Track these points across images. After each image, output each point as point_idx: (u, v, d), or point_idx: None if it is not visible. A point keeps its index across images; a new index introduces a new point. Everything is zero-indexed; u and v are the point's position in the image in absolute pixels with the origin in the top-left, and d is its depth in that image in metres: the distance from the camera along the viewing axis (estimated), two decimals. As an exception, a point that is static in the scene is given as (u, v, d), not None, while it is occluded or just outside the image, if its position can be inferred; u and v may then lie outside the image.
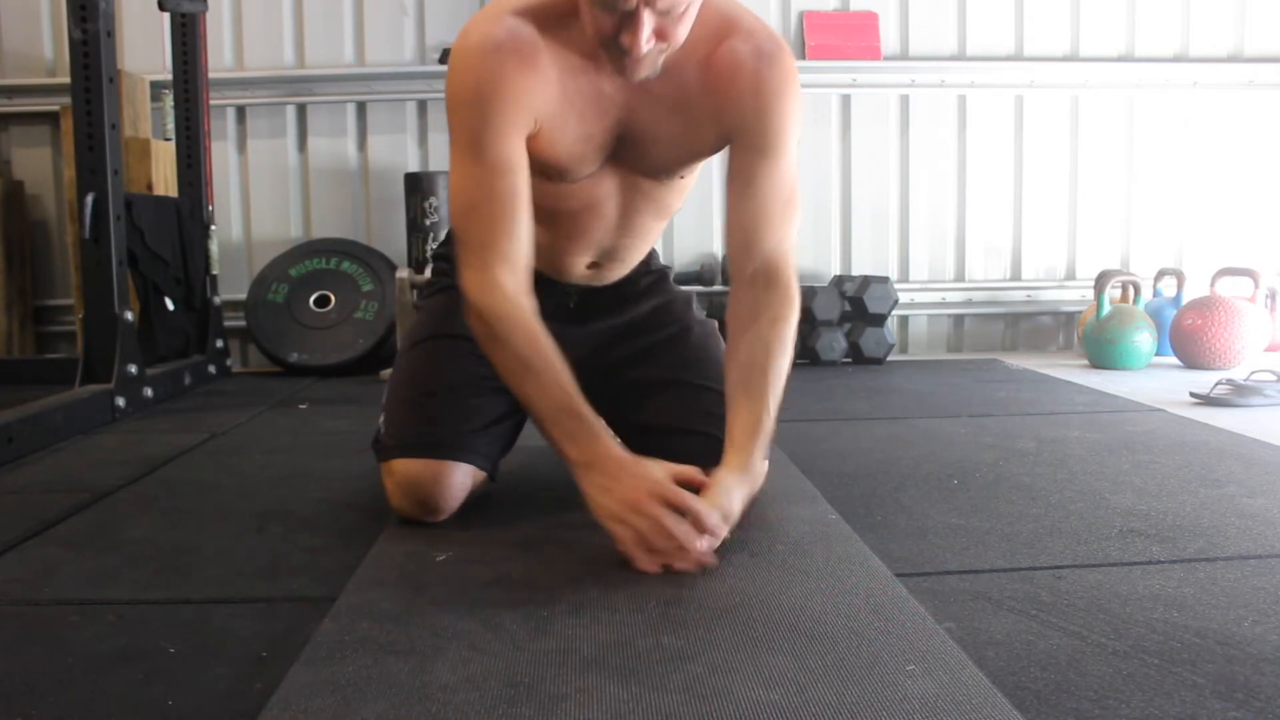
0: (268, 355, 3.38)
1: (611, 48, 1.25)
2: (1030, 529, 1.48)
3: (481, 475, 1.54)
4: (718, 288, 3.53)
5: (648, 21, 1.20)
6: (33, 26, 3.53)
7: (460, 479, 1.50)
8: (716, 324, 1.69)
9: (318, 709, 0.92)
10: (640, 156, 1.44)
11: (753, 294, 1.42)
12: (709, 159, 1.52)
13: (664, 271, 1.76)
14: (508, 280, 1.34)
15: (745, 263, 1.42)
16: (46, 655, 1.08)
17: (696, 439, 1.55)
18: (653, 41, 1.22)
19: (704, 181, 3.50)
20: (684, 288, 1.80)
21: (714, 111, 1.38)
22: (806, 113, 3.63)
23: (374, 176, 3.62)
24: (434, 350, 1.58)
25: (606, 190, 1.49)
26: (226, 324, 3.37)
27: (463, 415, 1.50)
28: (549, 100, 1.34)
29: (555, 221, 1.50)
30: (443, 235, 2.41)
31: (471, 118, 1.33)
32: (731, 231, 1.44)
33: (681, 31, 1.25)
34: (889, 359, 3.48)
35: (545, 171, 1.41)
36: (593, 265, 1.61)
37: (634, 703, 0.92)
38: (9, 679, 1.02)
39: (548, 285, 1.55)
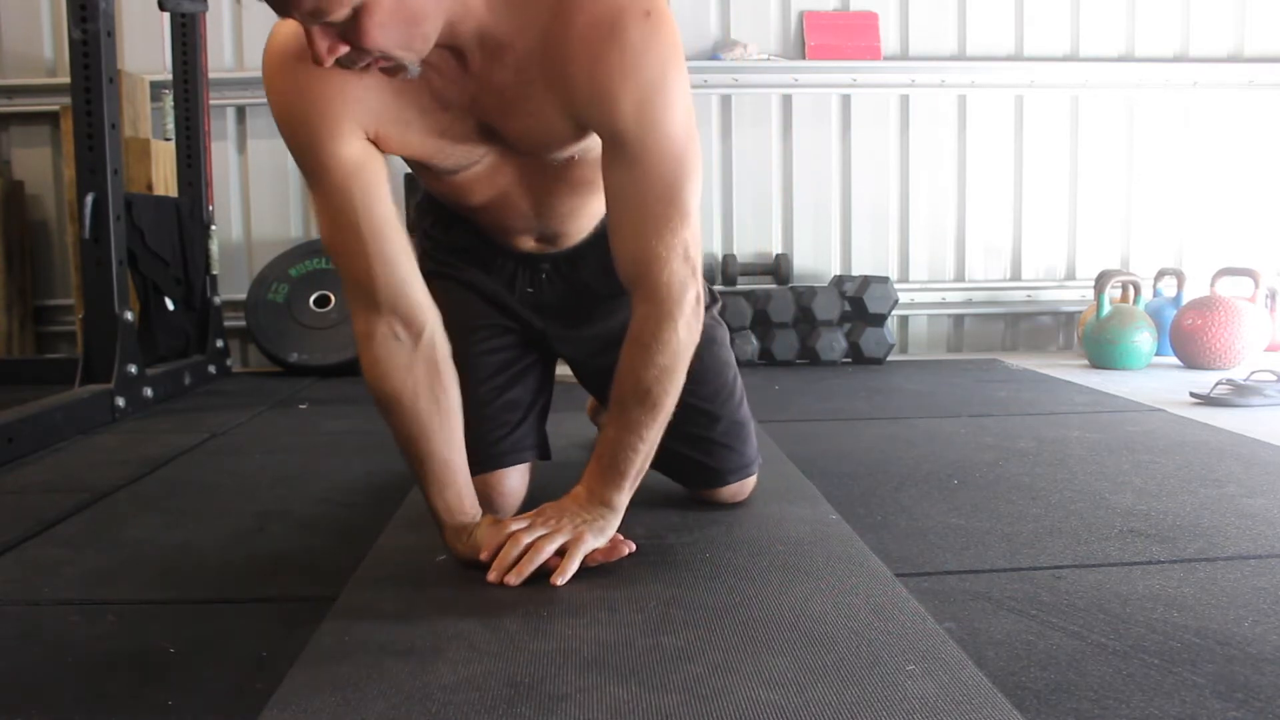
0: (268, 355, 3.38)
1: None
2: (1030, 529, 1.48)
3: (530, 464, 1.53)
4: (718, 287, 3.53)
5: (316, 36, 1.01)
6: (33, 26, 3.53)
7: (514, 483, 1.49)
8: (725, 331, 1.59)
9: (318, 709, 0.92)
10: (511, 140, 1.25)
11: (634, 307, 1.25)
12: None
13: None
14: (389, 331, 1.23)
15: (621, 269, 1.24)
16: (46, 655, 1.08)
17: (673, 457, 1.48)
18: (341, 49, 1.02)
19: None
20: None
21: (558, 99, 1.16)
22: (808, 112, 3.65)
23: (374, 176, 3.62)
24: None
25: (507, 177, 1.33)
26: (226, 324, 3.37)
27: (498, 416, 1.47)
28: (375, 100, 1.17)
29: (475, 212, 1.43)
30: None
31: (290, 139, 1.18)
32: (609, 234, 1.25)
33: (378, 35, 1.01)
34: (889, 359, 3.48)
35: (423, 167, 1.29)
36: (540, 240, 1.49)
37: (634, 703, 0.92)
38: (9, 679, 1.02)
39: (513, 257, 1.50)
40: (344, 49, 1.03)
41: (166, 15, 3.12)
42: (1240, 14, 3.76)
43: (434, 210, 1.54)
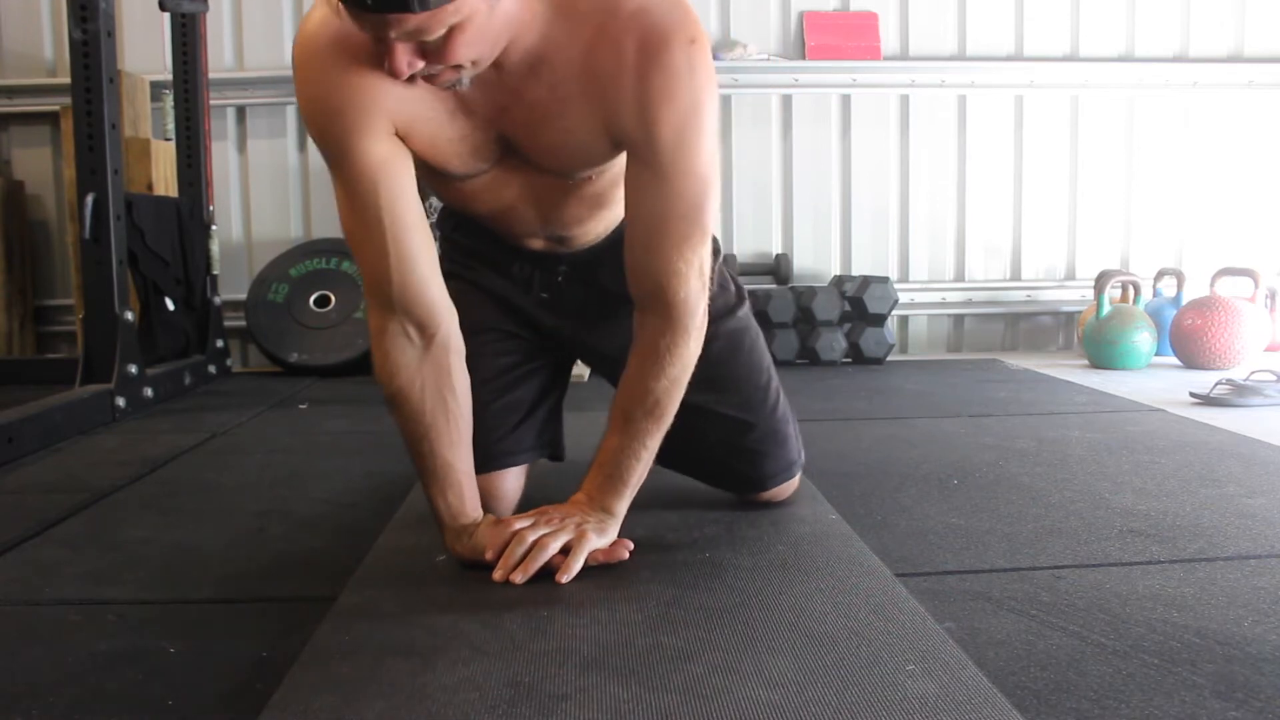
0: (268, 355, 3.38)
1: None
2: (1030, 529, 1.48)
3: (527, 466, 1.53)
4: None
5: (400, 50, 1.02)
6: (33, 26, 3.53)
7: (510, 484, 1.49)
8: (756, 333, 1.57)
9: (318, 709, 0.92)
10: (532, 156, 1.26)
11: (642, 318, 1.28)
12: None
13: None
14: (400, 330, 1.24)
15: (635, 282, 1.26)
16: (46, 655, 1.08)
17: (713, 465, 1.54)
18: (419, 64, 1.04)
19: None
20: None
21: (597, 117, 1.18)
22: (808, 112, 3.65)
23: (374, 176, 3.62)
24: None
25: (513, 189, 1.33)
26: (226, 324, 3.37)
27: (497, 417, 1.47)
28: (407, 98, 1.16)
29: (481, 218, 1.43)
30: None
31: (319, 130, 1.18)
32: (625, 246, 1.26)
33: (464, 52, 1.04)
34: (889, 359, 3.47)
35: (433, 171, 1.28)
36: (549, 241, 1.47)
37: (634, 703, 0.92)
38: (9, 679, 1.02)
39: (526, 255, 1.49)
40: (421, 63, 1.04)
41: (166, 15, 3.12)
42: (1240, 14, 3.76)
43: (455, 214, 1.54)
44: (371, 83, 1.14)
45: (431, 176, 1.32)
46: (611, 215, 1.43)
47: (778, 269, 3.62)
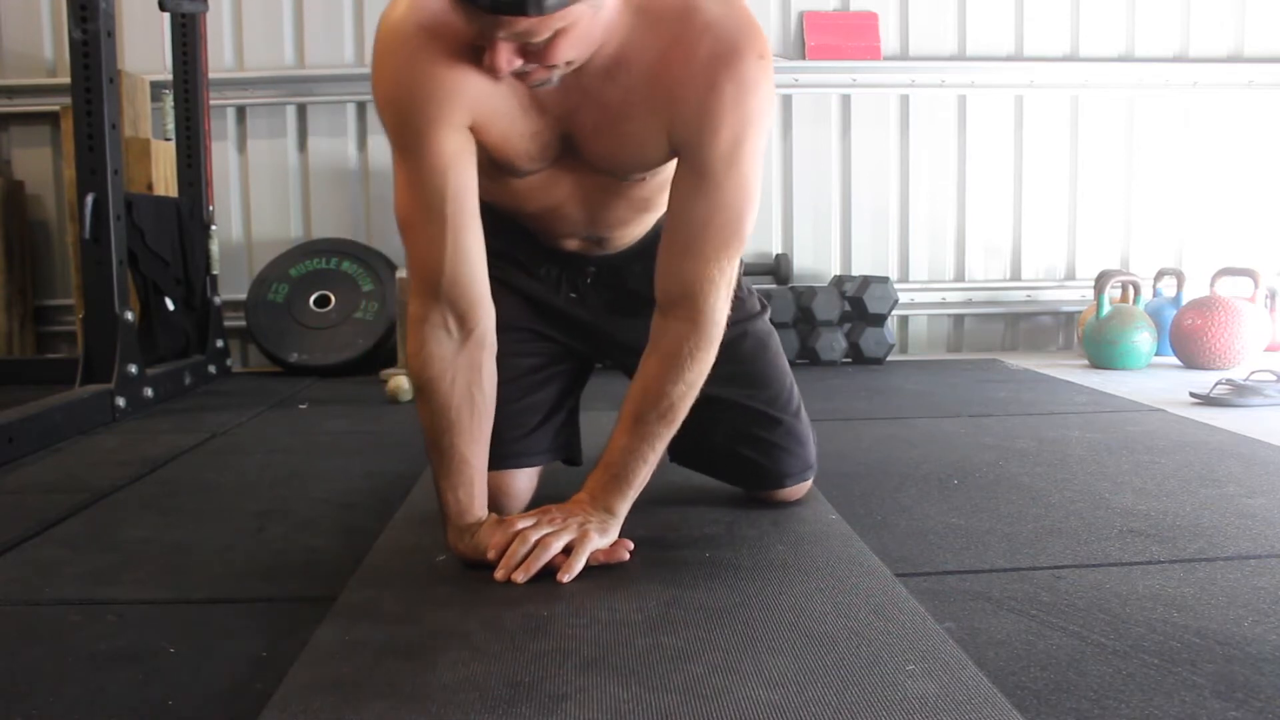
0: (268, 355, 3.38)
1: None
2: (1030, 529, 1.48)
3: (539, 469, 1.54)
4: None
5: (504, 49, 1.05)
6: (33, 26, 3.53)
7: (522, 484, 1.49)
8: (778, 339, 1.59)
9: (318, 709, 0.92)
10: (591, 157, 1.29)
11: (664, 321, 1.29)
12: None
13: None
14: (441, 322, 1.25)
15: (665, 286, 1.28)
16: (46, 655, 1.08)
17: (733, 459, 1.55)
18: (518, 63, 1.07)
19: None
20: (756, 284, 1.63)
21: (661, 120, 1.21)
22: (808, 112, 3.66)
23: (374, 176, 3.62)
24: None
25: (564, 189, 1.36)
26: (226, 324, 3.37)
27: (516, 417, 1.47)
28: (486, 91, 1.18)
29: (526, 217, 1.44)
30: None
31: (397, 116, 1.19)
32: (660, 249, 1.29)
33: (563, 54, 1.07)
34: (889, 359, 3.48)
35: (492, 166, 1.29)
36: (586, 242, 1.50)
37: (634, 703, 0.92)
38: (9, 679, 1.02)
39: (556, 257, 1.51)
40: (519, 62, 1.07)
41: (166, 15, 3.12)
42: (1240, 14, 3.76)
43: (485, 213, 1.54)
44: (456, 74, 1.15)
45: (490, 171, 1.32)
46: (651, 218, 1.46)
47: (778, 269, 3.62)
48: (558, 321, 1.55)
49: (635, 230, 1.49)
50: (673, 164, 1.28)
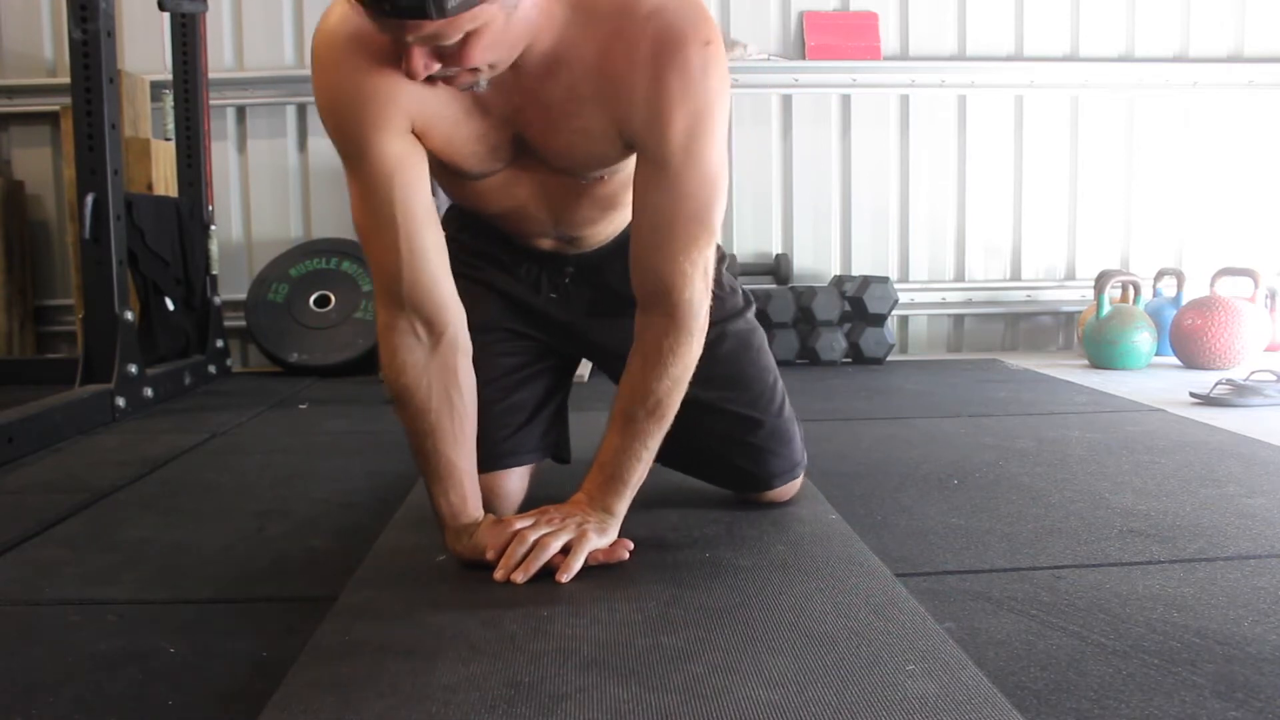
0: (268, 355, 3.38)
1: None
2: (1030, 529, 1.48)
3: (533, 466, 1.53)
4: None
5: (417, 53, 1.03)
6: (33, 26, 3.53)
7: (513, 484, 1.49)
8: (763, 335, 1.58)
9: (318, 709, 0.92)
10: (546, 156, 1.27)
11: (645, 318, 1.28)
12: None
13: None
14: (408, 328, 1.24)
15: (640, 282, 1.27)
16: (46, 655, 1.08)
17: (718, 464, 1.54)
18: (435, 67, 1.05)
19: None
20: (742, 282, 1.57)
21: (610, 116, 1.19)
22: (808, 112, 3.65)
23: (374, 176, 3.62)
24: None
25: (525, 188, 1.34)
26: (226, 324, 3.37)
27: (501, 418, 1.47)
28: (425, 96, 1.17)
29: (492, 218, 1.44)
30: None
31: (337, 126, 1.18)
32: (631, 245, 1.27)
33: (481, 56, 1.05)
34: (889, 359, 3.47)
35: (447, 170, 1.29)
36: (558, 241, 1.48)
37: (634, 703, 0.92)
38: (9, 679, 1.02)
39: (534, 255, 1.50)
40: (437, 66, 1.05)
41: (166, 15, 3.12)
42: (1240, 14, 3.76)
43: (461, 214, 1.54)
44: (390, 80, 1.14)
45: (445, 175, 1.32)
46: (622, 217, 1.44)
47: (778, 269, 3.62)
48: (538, 321, 1.54)
49: (607, 229, 1.47)
50: (633, 160, 1.26)
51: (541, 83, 1.18)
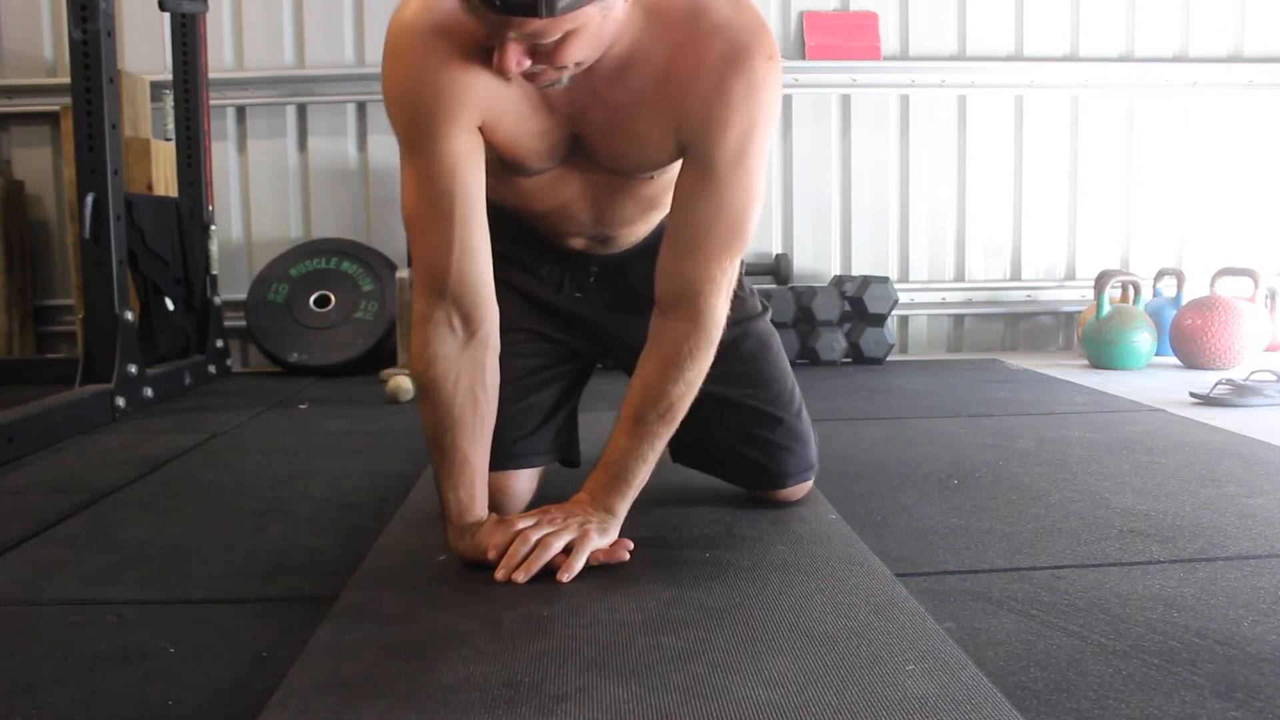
0: (268, 355, 3.38)
1: None
2: (1030, 529, 1.48)
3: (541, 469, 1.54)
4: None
5: (513, 49, 1.05)
6: (33, 26, 3.53)
7: (522, 485, 1.49)
8: (779, 340, 1.60)
9: (318, 709, 0.92)
10: (599, 157, 1.30)
11: (664, 321, 1.30)
12: None
13: None
14: (445, 321, 1.25)
15: (666, 285, 1.29)
16: (46, 655, 1.08)
17: (734, 458, 1.55)
18: (527, 64, 1.07)
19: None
20: (757, 284, 1.63)
21: (670, 121, 1.22)
22: (808, 112, 3.66)
23: (374, 176, 3.62)
24: None
25: (571, 188, 1.37)
26: (226, 324, 3.37)
27: (516, 418, 1.47)
28: (496, 91, 1.19)
29: (533, 216, 1.45)
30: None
31: (408, 115, 1.20)
32: (663, 248, 1.29)
33: (572, 55, 1.08)
34: (889, 359, 3.47)
35: (501, 165, 1.30)
36: (591, 241, 1.51)
37: (634, 703, 0.92)
38: (9, 679, 1.02)
39: (560, 256, 1.52)
40: (529, 63, 1.07)
41: (166, 15, 3.12)
42: (1240, 14, 3.76)
43: (489, 214, 1.54)
44: (466, 74, 1.16)
45: (499, 171, 1.32)
46: (657, 217, 1.47)
47: (778, 269, 3.62)
48: (560, 321, 1.55)
49: (641, 229, 1.49)
50: (679, 163, 1.28)
51: (610, 84, 1.20)
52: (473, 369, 1.28)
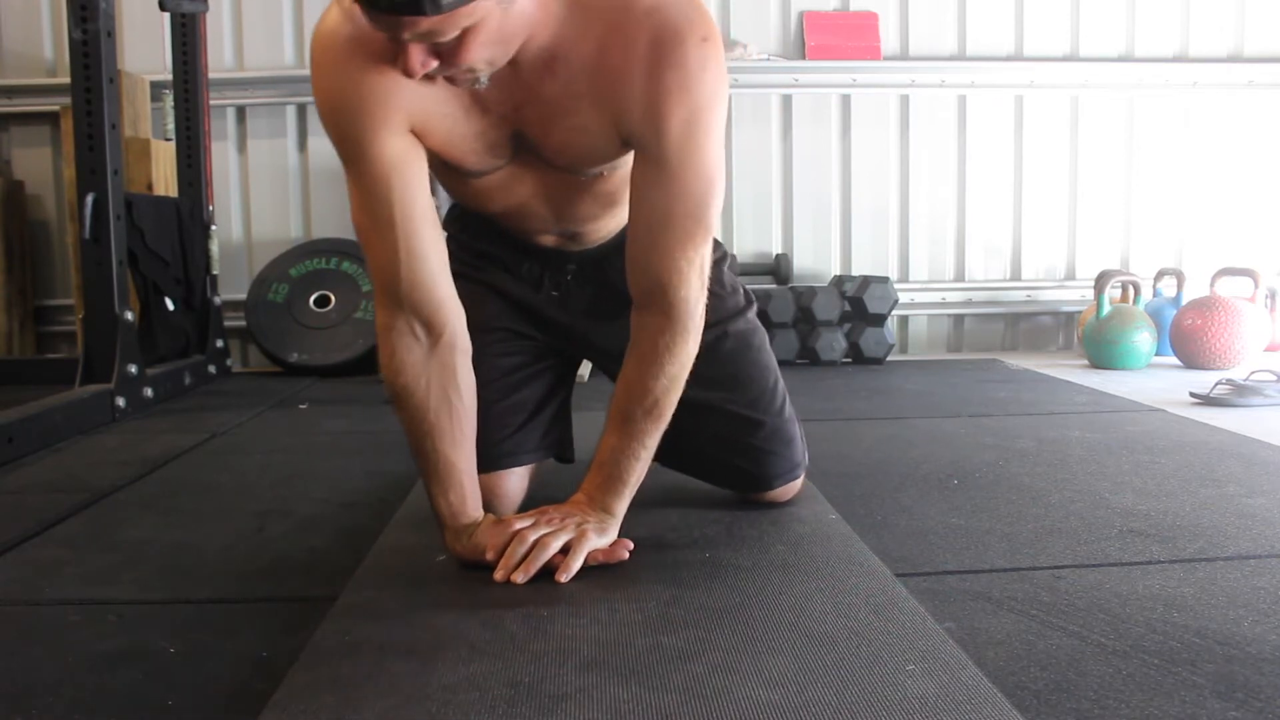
0: (268, 355, 3.38)
1: None
2: (1030, 529, 1.48)
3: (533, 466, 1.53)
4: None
5: (414, 51, 1.02)
6: (33, 26, 3.53)
7: (513, 485, 1.49)
8: (764, 334, 1.57)
9: (318, 709, 0.92)
10: (545, 153, 1.27)
11: (640, 317, 1.28)
12: None
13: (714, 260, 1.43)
14: (407, 328, 1.24)
15: (635, 280, 1.26)
16: (46, 655, 1.08)
17: (718, 465, 1.55)
18: (432, 64, 1.04)
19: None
20: (742, 282, 1.58)
21: (607, 113, 1.18)
22: (808, 112, 3.66)
23: (374, 176, 3.62)
24: None
25: (527, 186, 1.34)
26: (226, 324, 3.37)
27: (501, 418, 1.47)
28: (424, 94, 1.17)
29: (494, 216, 1.44)
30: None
31: (336, 126, 1.18)
32: (627, 242, 1.27)
33: (477, 53, 1.05)
34: (889, 359, 3.48)
35: (449, 169, 1.29)
36: (560, 237, 1.48)
37: (634, 703, 0.92)
38: (9, 679, 1.02)
39: (536, 253, 1.50)
40: (434, 63, 1.05)
41: (166, 15, 3.12)
42: (1240, 14, 3.76)
43: (463, 214, 1.54)
44: (388, 79, 1.14)
45: (446, 173, 1.32)
46: (624, 212, 1.42)
47: (778, 269, 3.62)
48: (538, 321, 1.54)
49: (609, 224, 1.47)
50: (625, 161, 1.26)
51: (539, 79, 1.17)
52: (442, 373, 1.27)
